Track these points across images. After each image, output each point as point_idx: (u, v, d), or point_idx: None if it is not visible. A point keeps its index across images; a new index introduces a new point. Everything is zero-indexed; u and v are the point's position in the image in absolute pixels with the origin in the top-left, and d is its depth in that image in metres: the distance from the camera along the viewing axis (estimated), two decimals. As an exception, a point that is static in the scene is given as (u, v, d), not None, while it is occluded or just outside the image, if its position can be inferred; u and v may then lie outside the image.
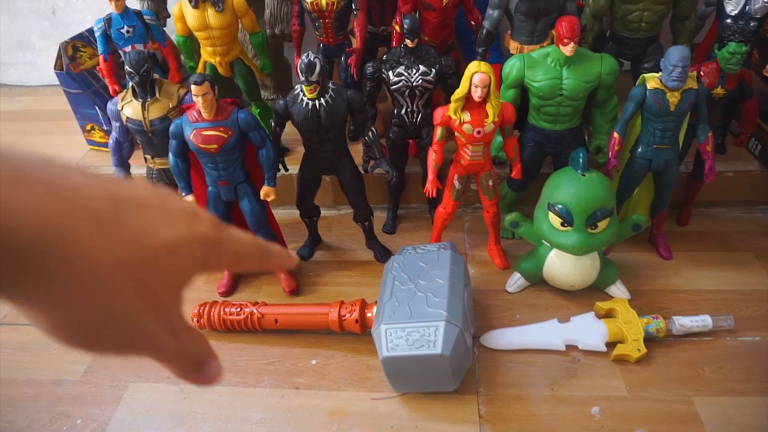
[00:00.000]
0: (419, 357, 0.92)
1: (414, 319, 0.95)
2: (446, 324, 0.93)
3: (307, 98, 1.07)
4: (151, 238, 0.26)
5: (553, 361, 1.07)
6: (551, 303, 1.20)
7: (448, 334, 0.93)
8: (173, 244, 0.27)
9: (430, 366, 0.94)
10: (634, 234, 1.16)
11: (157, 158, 1.20)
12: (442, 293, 0.99)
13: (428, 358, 0.92)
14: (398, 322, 0.96)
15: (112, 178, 0.26)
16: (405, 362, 0.94)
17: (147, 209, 0.26)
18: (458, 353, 0.94)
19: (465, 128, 1.10)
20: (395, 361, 0.94)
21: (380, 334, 0.96)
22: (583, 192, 1.05)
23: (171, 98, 1.13)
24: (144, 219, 0.26)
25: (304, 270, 1.33)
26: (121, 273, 0.25)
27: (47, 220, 0.22)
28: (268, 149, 1.10)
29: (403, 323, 0.95)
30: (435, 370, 0.95)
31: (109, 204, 0.24)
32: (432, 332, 0.93)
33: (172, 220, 0.27)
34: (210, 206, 1.16)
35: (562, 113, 1.17)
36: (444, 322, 0.94)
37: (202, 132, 1.05)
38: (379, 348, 0.96)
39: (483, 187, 1.21)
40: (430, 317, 0.95)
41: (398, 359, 0.94)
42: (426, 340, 0.93)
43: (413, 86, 1.21)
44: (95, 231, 0.24)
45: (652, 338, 1.08)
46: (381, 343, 0.95)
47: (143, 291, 0.26)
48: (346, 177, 1.19)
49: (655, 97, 1.09)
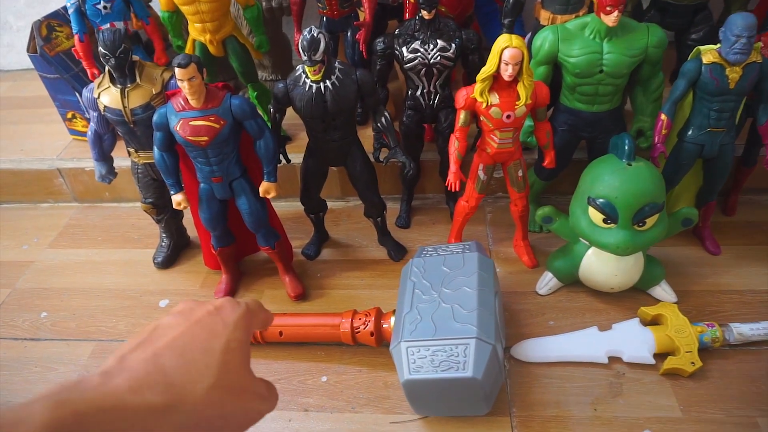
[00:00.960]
0: (447, 380, 0.80)
1: (440, 335, 0.83)
2: (477, 342, 0.81)
3: (310, 81, 0.93)
4: (211, 356, 0.41)
5: (594, 375, 0.95)
6: (588, 306, 1.07)
7: (479, 353, 0.80)
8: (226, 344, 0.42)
9: (460, 390, 0.82)
10: (683, 229, 1.02)
11: (141, 152, 1.06)
12: (471, 304, 0.86)
13: (457, 382, 0.80)
14: (421, 339, 0.83)
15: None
16: (430, 386, 0.82)
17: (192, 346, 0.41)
18: (491, 374, 0.82)
19: (493, 112, 0.96)
20: (418, 384, 0.82)
21: (401, 353, 0.83)
22: (630, 185, 0.91)
23: (154, 83, 0.99)
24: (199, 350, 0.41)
25: (310, 271, 1.21)
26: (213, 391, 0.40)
27: None
28: (267, 140, 0.96)
29: (427, 340, 0.83)
30: (464, 394, 0.82)
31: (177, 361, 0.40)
32: (461, 351, 0.81)
33: (212, 333, 0.43)
34: (203, 205, 1.02)
35: (600, 93, 1.03)
36: (475, 339, 0.81)
37: (190, 122, 0.91)
38: (400, 369, 0.83)
39: (511, 178, 1.07)
40: (459, 333, 0.82)
41: (422, 382, 0.81)
42: (454, 360, 0.80)
43: (430, 64, 1.06)
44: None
45: (706, 348, 0.95)
46: (402, 363, 0.83)
47: (234, 385, 0.42)
48: (356, 169, 1.06)
49: (713, 72, 0.94)
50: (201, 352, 0.42)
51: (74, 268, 1.28)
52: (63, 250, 1.34)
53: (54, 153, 1.46)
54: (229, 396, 0.42)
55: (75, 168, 1.42)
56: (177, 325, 0.44)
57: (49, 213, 1.47)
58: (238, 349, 0.44)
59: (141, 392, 0.37)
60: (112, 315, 1.15)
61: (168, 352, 0.41)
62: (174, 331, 0.44)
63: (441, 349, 0.82)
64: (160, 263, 1.24)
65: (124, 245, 1.34)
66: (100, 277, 1.25)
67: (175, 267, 1.26)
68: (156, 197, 1.14)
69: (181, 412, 0.39)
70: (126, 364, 0.39)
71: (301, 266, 1.22)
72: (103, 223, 1.42)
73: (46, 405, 0.33)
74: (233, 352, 0.44)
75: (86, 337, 1.10)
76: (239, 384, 0.43)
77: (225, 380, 0.42)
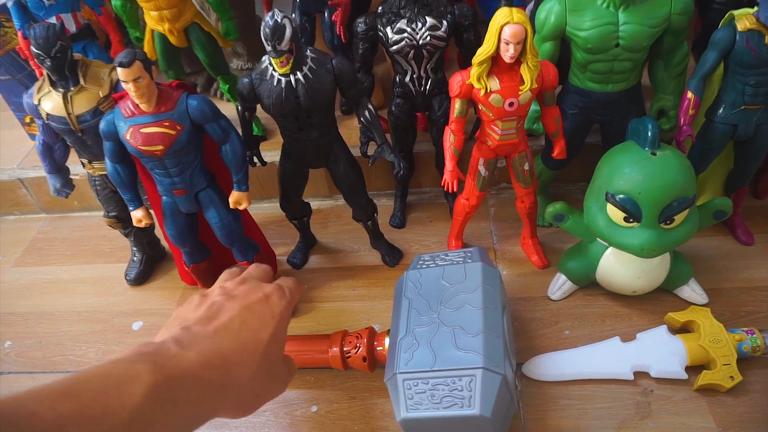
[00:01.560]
0: (450, 418, 0.69)
1: (440, 365, 0.71)
2: (484, 373, 0.69)
3: (278, 74, 0.80)
4: (259, 344, 0.48)
5: (618, 394, 0.84)
6: (607, 312, 0.96)
7: (487, 386, 0.69)
8: (272, 336, 0.49)
9: (465, 428, 0.71)
10: (715, 223, 0.90)
11: (95, 162, 0.94)
12: (476, 327, 0.74)
13: (463, 420, 0.69)
14: (419, 370, 0.72)
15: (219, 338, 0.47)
16: (431, 425, 0.71)
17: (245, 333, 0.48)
18: (501, 408, 0.71)
19: (493, 100, 0.83)
20: (418, 423, 0.71)
21: (397, 386, 0.72)
22: (656, 178, 0.78)
23: (101, 85, 0.86)
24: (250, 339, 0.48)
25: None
26: (256, 376, 0.47)
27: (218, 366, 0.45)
28: (234, 144, 0.83)
29: (426, 372, 0.72)
30: (468, 428, 0.71)
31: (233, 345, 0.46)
32: (465, 385, 0.69)
33: (262, 322, 0.50)
34: (167, 221, 0.90)
35: (616, 70, 0.89)
36: (481, 370, 0.70)
37: (142, 130, 0.78)
38: (396, 405, 0.72)
39: (516, 173, 0.94)
40: (462, 363, 0.71)
41: (422, 421, 0.70)
42: (458, 396, 0.69)
43: (419, 45, 0.93)
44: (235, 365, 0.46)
45: (745, 357, 0.83)
46: (398, 398, 0.72)
47: (270, 371, 0.49)
48: (339, 170, 0.93)
49: (750, 41, 0.80)
50: (252, 340, 0.48)
51: (41, 288, 1.17)
52: (29, 269, 1.23)
53: (14, 161, 1.34)
54: (266, 380, 0.50)
55: (39, 177, 1.30)
56: (231, 307, 0.50)
57: (15, 227, 1.36)
58: (280, 341, 0.52)
59: (208, 369, 0.43)
60: (82, 341, 1.04)
61: (226, 333, 0.47)
62: (229, 313, 0.49)
63: (442, 382, 0.70)
64: (132, 279, 1.12)
65: (95, 260, 1.22)
66: (69, 297, 1.14)
67: (149, 283, 1.14)
68: (119, 210, 1.03)
69: (229, 390, 0.45)
70: (192, 336, 0.45)
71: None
72: (72, 236, 1.30)
73: (149, 369, 0.39)
74: (277, 343, 0.51)
75: (53, 369, 1.00)
76: (275, 371, 0.51)
77: (266, 367, 0.49)
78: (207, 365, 0.43)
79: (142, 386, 0.37)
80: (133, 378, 0.37)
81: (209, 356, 0.43)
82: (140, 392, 0.37)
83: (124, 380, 0.37)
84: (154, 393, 0.37)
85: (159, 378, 0.38)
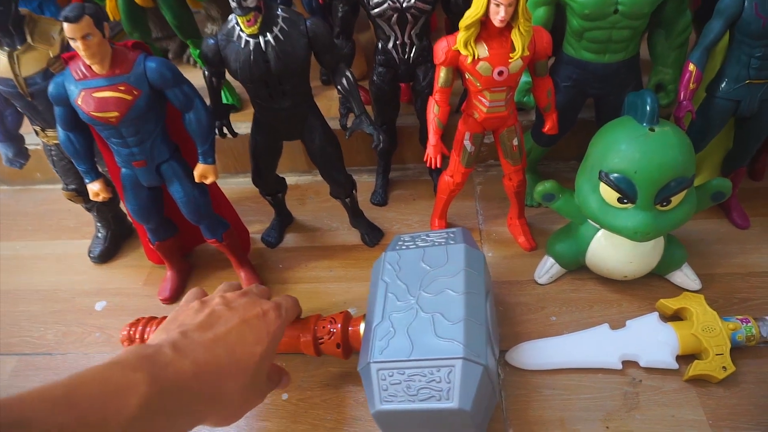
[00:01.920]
0: (427, 412, 0.64)
1: (417, 354, 0.66)
2: (464, 363, 0.64)
3: (245, 35, 0.73)
4: (252, 359, 0.50)
5: (605, 384, 0.80)
6: (596, 297, 0.91)
7: (467, 377, 0.64)
8: (265, 352, 0.52)
9: (444, 422, 0.66)
10: (712, 205, 0.85)
11: (48, 130, 0.86)
12: (457, 313, 0.69)
13: (441, 414, 0.64)
14: (395, 359, 0.67)
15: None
16: (406, 418, 0.66)
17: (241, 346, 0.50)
18: (483, 400, 0.66)
19: (481, 68, 0.76)
20: (392, 416, 0.66)
21: (370, 376, 0.67)
22: (654, 155, 0.73)
23: (51, 43, 0.78)
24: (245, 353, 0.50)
25: (270, 262, 1.03)
26: (245, 390, 0.49)
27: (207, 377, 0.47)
28: (198, 112, 0.76)
29: (402, 362, 0.66)
30: (451, 427, 0.67)
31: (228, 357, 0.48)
32: (444, 376, 0.64)
33: (257, 338, 0.52)
34: (128, 195, 0.83)
35: (614, 39, 0.83)
36: (461, 360, 0.64)
37: (94, 94, 0.71)
38: (370, 396, 0.67)
39: (505, 149, 0.88)
40: (441, 353, 0.66)
41: (396, 414, 0.65)
42: (436, 387, 0.64)
43: (403, 8, 0.85)
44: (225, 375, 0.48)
45: (739, 347, 0.79)
46: (372, 388, 0.66)
47: (256, 385, 0.52)
48: (314, 143, 0.86)
49: (759, 9, 0.74)
50: (246, 354, 0.50)
51: (0, 265, 1.10)
52: (-12, 244, 1.16)
53: None
54: (252, 394, 0.53)
55: (-2, 146, 1.22)
56: (230, 318, 0.52)
57: (-27, 199, 1.28)
58: (270, 357, 0.55)
59: (201, 380, 0.45)
60: (40, 322, 0.98)
61: (222, 344, 0.49)
62: (228, 324, 0.51)
63: (419, 373, 0.65)
64: (96, 257, 1.06)
65: (59, 235, 1.15)
66: (29, 275, 1.07)
67: (114, 261, 1.08)
68: (79, 183, 0.95)
69: (219, 402, 0.47)
70: (190, 343, 0.47)
71: (261, 256, 1.04)
72: (35, 210, 1.23)
73: (145, 379, 0.40)
74: (268, 359, 0.54)
75: (8, 351, 0.93)
76: (261, 386, 0.55)
77: (254, 381, 0.51)
78: (201, 376, 0.44)
79: (138, 397, 0.39)
80: (130, 386, 0.39)
81: (204, 366, 0.45)
82: (136, 402, 0.39)
83: (121, 388, 0.39)
84: (148, 404, 0.39)
85: (154, 389, 0.40)
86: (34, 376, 0.88)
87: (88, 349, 0.91)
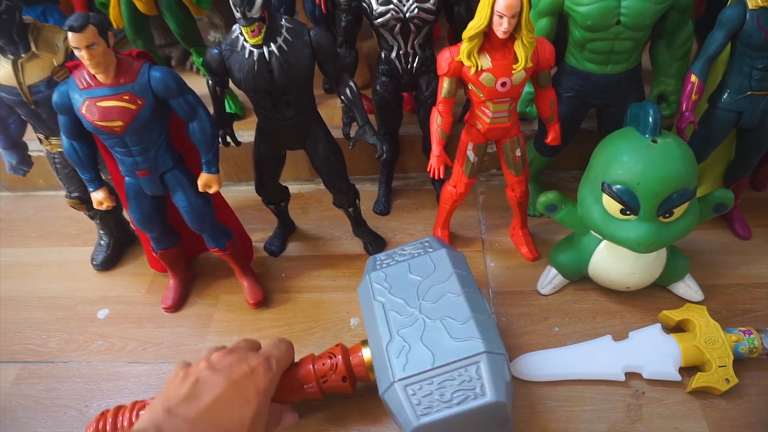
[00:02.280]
0: (465, 414, 0.63)
1: (441, 360, 0.65)
2: (488, 357, 0.64)
3: (249, 45, 0.73)
4: (242, 426, 0.49)
5: (608, 395, 0.80)
6: (599, 308, 0.91)
7: (494, 369, 0.64)
8: (256, 412, 0.51)
9: (482, 420, 0.64)
10: (714, 216, 0.85)
11: (52, 138, 0.86)
12: (463, 313, 0.69)
13: (478, 412, 0.63)
14: (420, 371, 0.65)
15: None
16: (445, 426, 0.63)
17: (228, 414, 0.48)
18: (509, 389, 0.65)
19: (484, 79, 0.76)
20: (432, 428, 0.63)
21: (398, 396, 0.65)
22: (656, 167, 0.73)
23: (55, 52, 0.78)
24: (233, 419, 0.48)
25: (273, 270, 1.03)
26: None
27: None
28: (202, 122, 0.77)
29: (428, 372, 0.65)
30: (488, 423, 0.65)
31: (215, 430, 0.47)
32: (473, 374, 0.64)
33: (245, 400, 0.51)
34: (131, 203, 0.84)
35: (617, 50, 0.83)
36: (485, 354, 0.64)
37: (99, 103, 0.71)
38: (402, 416, 0.64)
39: (507, 159, 0.88)
40: (464, 353, 0.65)
41: (436, 425, 0.63)
42: (468, 387, 0.63)
43: (406, 18, 0.86)
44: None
45: (742, 359, 0.79)
46: (403, 408, 0.64)
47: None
48: (317, 153, 0.87)
49: (760, 20, 0.75)
50: (235, 422, 0.50)
51: (1, 271, 1.10)
52: (-10, 250, 1.16)
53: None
54: None
55: (1, 152, 1.22)
56: (216, 383, 0.51)
57: (-25, 204, 1.28)
58: (263, 416, 0.54)
59: None
60: (43, 330, 0.97)
61: (208, 417, 0.48)
62: (214, 391, 0.50)
63: (448, 378, 0.64)
64: (99, 264, 1.06)
65: (61, 242, 1.16)
66: (31, 282, 1.07)
67: (117, 268, 1.08)
68: (82, 191, 0.96)
69: None
70: (175, 423, 0.46)
71: (264, 265, 1.04)
72: (37, 216, 1.23)
73: None
74: (260, 419, 0.52)
75: (11, 359, 0.93)
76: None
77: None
78: None
79: None
80: None
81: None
82: None
83: None
84: None
85: None
86: (37, 384, 0.88)
87: (91, 357, 0.91)
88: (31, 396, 0.87)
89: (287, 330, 0.92)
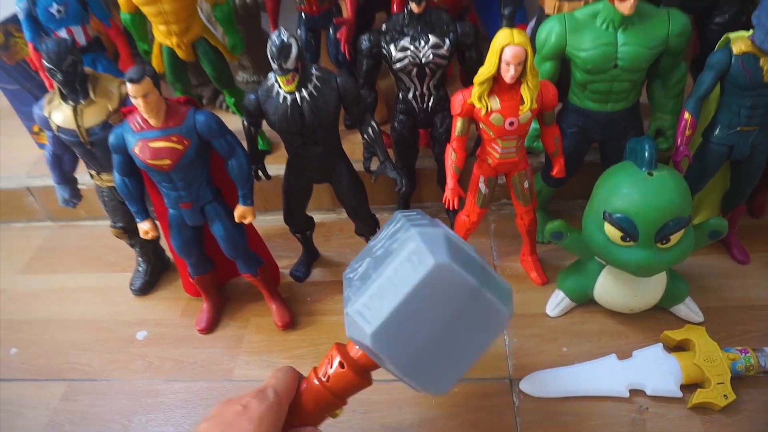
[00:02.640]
0: (417, 294, 0.56)
1: (381, 271, 0.60)
2: (420, 231, 0.60)
3: (284, 91, 0.82)
4: None
5: (613, 411, 0.85)
6: (604, 329, 0.97)
7: (431, 240, 0.59)
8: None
9: (440, 296, 0.57)
10: (710, 242, 0.91)
11: (103, 174, 0.96)
12: (410, 233, 0.62)
13: (428, 286, 0.56)
14: (365, 291, 0.60)
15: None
16: (404, 319, 0.57)
17: None
18: (462, 259, 0.59)
19: (494, 119, 0.84)
20: (391, 325, 0.57)
21: (354, 318, 0.60)
22: (652, 197, 0.80)
23: (111, 98, 0.88)
24: None
25: (299, 295, 1.10)
26: None
27: None
28: (240, 159, 0.85)
29: (372, 283, 0.60)
30: (451, 300, 0.58)
31: None
32: (411, 252, 0.58)
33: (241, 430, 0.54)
34: (173, 233, 0.92)
35: (615, 90, 0.91)
36: (417, 234, 0.59)
37: (150, 144, 0.80)
38: (360, 334, 0.59)
39: (516, 191, 0.96)
40: (399, 250, 0.60)
41: (392, 320, 0.57)
42: (408, 270, 0.58)
43: (422, 63, 0.94)
44: None
45: (739, 376, 0.85)
46: (360, 325, 0.58)
47: None
48: (342, 185, 0.95)
49: (745, 64, 0.82)
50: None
51: (47, 296, 1.19)
52: (35, 276, 1.25)
53: (23, 170, 1.36)
54: None
55: (47, 186, 1.32)
56: (209, 429, 0.54)
57: (21, 234, 1.37)
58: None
59: None
60: (86, 350, 1.05)
61: None
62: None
63: (391, 273, 0.59)
64: (137, 289, 1.14)
65: (101, 269, 1.24)
66: (74, 306, 1.15)
67: (153, 293, 1.16)
68: (126, 221, 1.04)
69: None
70: None
71: (290, 289, 1.11)
72: (78, 244, 1.32)
73: None
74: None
75: (58, 377, 1.01)
76: None
77: None
78: None
79: None
80: None
81: None
82: None
83: None
84: None
85: None
86: (83, 400, 0.95)
87: (131, 375, 0.99)
88: (78, 411, 0.94)
89: (313, 350, 0.99)
